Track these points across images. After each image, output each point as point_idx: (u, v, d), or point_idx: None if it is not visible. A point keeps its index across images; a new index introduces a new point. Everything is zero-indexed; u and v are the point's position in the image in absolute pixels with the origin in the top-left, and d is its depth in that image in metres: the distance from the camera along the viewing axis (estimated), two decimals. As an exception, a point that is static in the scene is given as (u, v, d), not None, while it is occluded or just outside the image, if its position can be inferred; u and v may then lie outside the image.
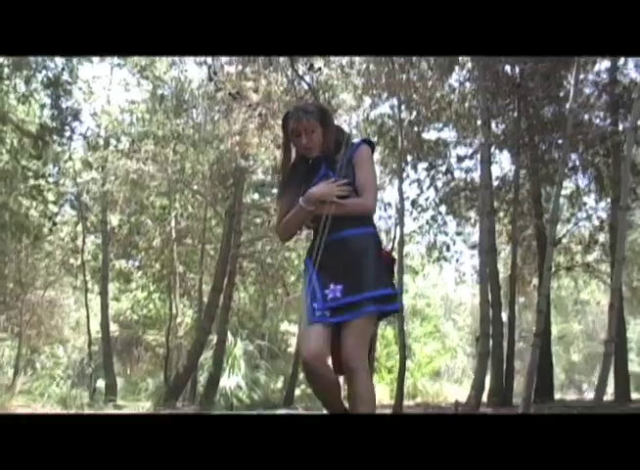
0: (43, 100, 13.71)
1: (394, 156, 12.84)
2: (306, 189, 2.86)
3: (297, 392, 14.45)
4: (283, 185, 3.04)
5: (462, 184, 13.55)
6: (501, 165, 13.10)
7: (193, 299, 16.56)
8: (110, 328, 15.92)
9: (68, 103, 13.44)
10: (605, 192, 12.42)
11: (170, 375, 14.23)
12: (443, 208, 13.93)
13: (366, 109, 13.36)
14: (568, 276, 15.76)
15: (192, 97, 13.49)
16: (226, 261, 13.36)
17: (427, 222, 14.10)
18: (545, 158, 11.95)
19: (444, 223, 14.14)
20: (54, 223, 13.87)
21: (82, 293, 16.47)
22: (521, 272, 13.40)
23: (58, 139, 13.47)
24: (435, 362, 18.64)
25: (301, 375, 12.07)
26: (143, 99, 14.04)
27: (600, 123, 11.40)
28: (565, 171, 9.98)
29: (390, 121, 13.05)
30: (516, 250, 12.48)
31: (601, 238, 12.67)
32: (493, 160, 11.78)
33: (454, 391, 16.84)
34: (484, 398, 10.32)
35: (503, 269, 13.68)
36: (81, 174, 13.89)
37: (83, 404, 11.24)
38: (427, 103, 12.31)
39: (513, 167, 12.69)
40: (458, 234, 14.36)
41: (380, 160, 13.31)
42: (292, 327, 16.86)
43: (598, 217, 12.62)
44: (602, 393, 7.79)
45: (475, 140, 12.75)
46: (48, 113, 13.58)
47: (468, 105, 12.67)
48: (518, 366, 12.76)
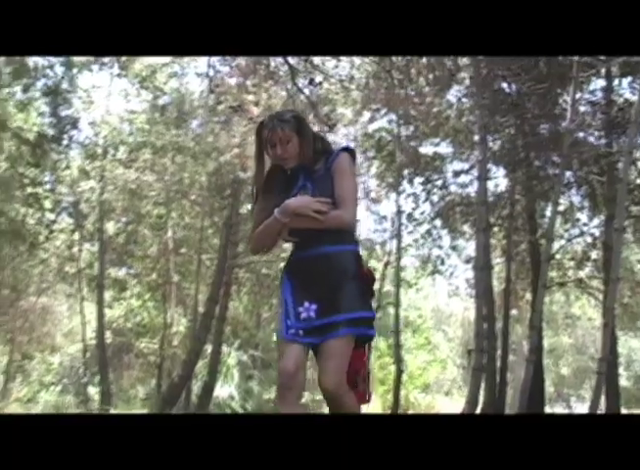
0: (42, 108, 13.76)
1: (392, 169, 12.99)
2: (284, 200, 2.73)
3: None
4: (257, 195, 2.90)
5: (457, 199, 13.65)
6: (496, 181, 13.17)
7: (187, 308, 16.56)
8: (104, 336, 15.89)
9: (66, 111, 13.51)
10: (598, 209, 12.56)
11: (162, 384, 14.23)
12: (438, 222, 14.05)
13: (365, 123, 13.51)
14: (559, 291, 15.89)
15: (192, 108, 13.57)
16: (223, 272, 13.39)
17: (422, 236, 14.19)
18: (540, 174, 12.08)
19: (439, 237, 14.25)
20: (50, 231, 13.92)
21: (76, 300, 16.45)
22: (514, 287, 13.52)
23: (56, 147, 13.51)
24: (427, 375, 18.71)
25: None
26: (143, 109, 14.09)
27: (595, 142, 11.55)
28: (560, 189, 10.11)
29: (388, 136, 13.21)
30: (510, 265, 12.61)
31: (594, 255, 12.80)
32: (489, 175, 11.90)
33: (446, 403, 16.93)
34: (478, 410, 10.42)
35: (497, 283, 13.82)
36: (79, 183, 13.90)
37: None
38: (424, 118, 12.44)
39: (508, 183, 12.84)
40: (453, 248, 14.47)
41: (377, 173, 13.45)
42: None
43: (591, 235, 12.75)
44: (595, 409, 7.95)
45: (471, 155, 12.88)
46: (47, 121, 13.64)
47: (465, 120, 12.80)
48: (508, 378, 12.85)
